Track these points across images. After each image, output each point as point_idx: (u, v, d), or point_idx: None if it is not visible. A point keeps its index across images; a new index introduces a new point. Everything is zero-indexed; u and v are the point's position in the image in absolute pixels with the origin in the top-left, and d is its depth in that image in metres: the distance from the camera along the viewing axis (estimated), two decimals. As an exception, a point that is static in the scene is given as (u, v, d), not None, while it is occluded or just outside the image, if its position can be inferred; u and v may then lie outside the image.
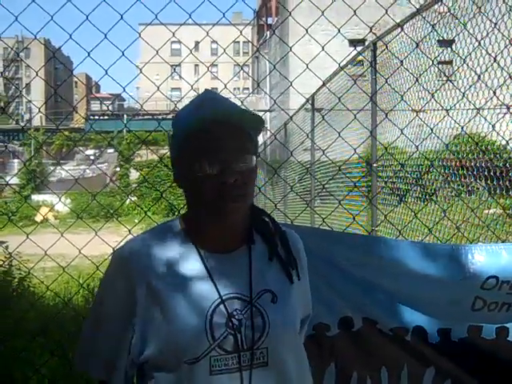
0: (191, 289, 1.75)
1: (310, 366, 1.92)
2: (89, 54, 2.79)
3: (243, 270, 1.81)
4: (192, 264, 1.78)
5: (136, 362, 1.78)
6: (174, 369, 1.70)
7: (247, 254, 1.83)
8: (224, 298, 1.75)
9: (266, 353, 1.75)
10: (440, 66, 6.09)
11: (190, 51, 3.00)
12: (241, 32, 3.00)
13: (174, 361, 1.70)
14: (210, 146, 1.72)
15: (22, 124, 42.38)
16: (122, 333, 1.78)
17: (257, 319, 1.76)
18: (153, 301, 1.74)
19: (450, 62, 6.03)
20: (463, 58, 4.33)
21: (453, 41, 5.31)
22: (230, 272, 1.80)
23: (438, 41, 5.45)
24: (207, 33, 2.84)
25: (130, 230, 2.96)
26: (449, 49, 5.60)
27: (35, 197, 35.58)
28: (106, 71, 2.83)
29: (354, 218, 3.50)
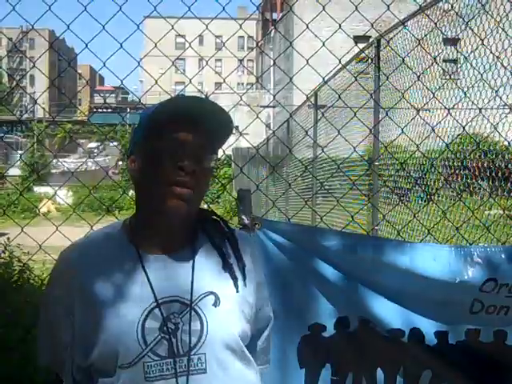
0: (126, 293, 1.72)
1: (302, 367, 1.88)
2: (86, 46, 2.76)
3: (186, 272, 1.77)
4: (130, 266, 1.75)
5: (82, 366, 1.75)
6: (112, 374, 1.67)
7: (192, 255, 1.80)
8: (161, 301, 1.71)
9: (205, 359, 1.69)
10: (445, 64, 6.06)
11: (189, 45, 2.97)
12: (240, 26, 2.96)
13: (111, 365, 1.67)
14: (177, 136, 1.74)
15: (26, 115, 42.36)
16: (64, 336, 1.77)
17: (195, 323, 1.71)
18: (89, 305, 1.72)
19: (455, 61, 6.00)
20: (466, 56, 4.29)
21: (458, 39, 5.28)
22: (172, 274, 1.76)
23: (444, 39, 5.41)
24: (207, 26, 2.81)
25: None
26: (453, 47, 5.57)
27: (37, 189, 35.53)
28: (104, 63, 2.80)
29: (352, 217, 3.46)
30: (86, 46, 2.75)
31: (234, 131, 1.90)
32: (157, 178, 1.73)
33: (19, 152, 39.01)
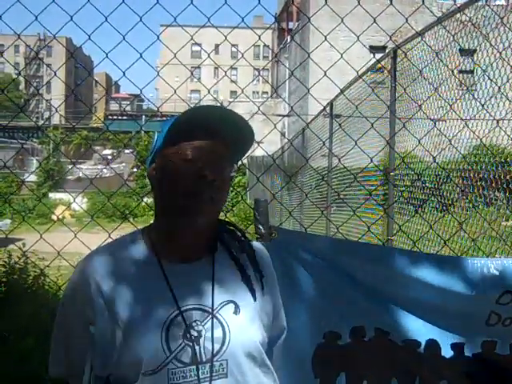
0: (149, 301, 1.73)
1: (317, 377, 1.88)
2: (107, 55, 2.79)
3: (206, 281, 1.79)
4: (152, 275, 1.77)
5: (101, 376, 1.76)
6: (134, 381, 1.68)
7: (211, 265, 1.82)
8: (183, 308, 1.73)
9: (226, 365, 1.72)
10: (462, 75, 6.05)
11: (208, 55, 2.99)
12: (259, 37, 2.98)
13: (134, 373, 1.68)
14: (198, 145, 1.75)
15: (42, 122, 42.63)
16: (82, 347, 1.78)
17: (217, 330, 1.73)
18: (110, 314, 1.73)
19: (472, 72, 5.98)
20: (483, 68, 4.28)
21: (475, 50, 5.27)
22: (192, 282, 1.78)
23: (460, 50, 5.40)
24: (225, 37, 2.83)
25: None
26: (470, 58, 5.56)
27: (52, 195, 35.71)
28: (124, 73, 2.83)
29: (368, 228, 3.46)
30: (107, 55, 2.78)
31: None
32: (176, 187, 1.73)
33: (36, 158, 39.23)
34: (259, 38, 3.00)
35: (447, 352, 2.53)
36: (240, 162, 2.02)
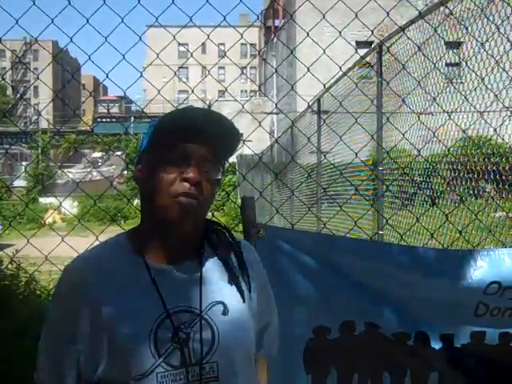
0: (136, 304, 1.72)
1: (308, 373, 1.88)
2: (89, 58, 2.78)
3: (194, 282, 1.77)
4: (138, 278, 1.75)
5: (91, 381, 1.73)
6: None
7: (199, 266, 1.81)
8: (171, 311, 1.71)
9: (216, 367, 1.71)
10: (448, 67, 6.07)
11: (191, 54, 2.99)
12: (241, 35, 2.97)
13: (124, 378, 1.66)
14: (182, 147, 1.74)
15: (30, 127, 42.48)
16: (68, 352, 1.75)
17: (206, 332, 1.72)
18: (97, 319, 1.70)
19: (458, 64, 6.00)
20: (465, 61, 4.30)
21: (460, 43, 5.28)
22: (180, 284, 1.76)
23: (446, 43, 5.42)
24: (208, 36, 2.83)
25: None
26: (456, 50, 5.57)
27: (42, 199, 35.61)
28: (107, 75, 2.82)
29: (355, 223, 3.47)
30: (89, 58, 2.77)
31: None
32: (161, 189, 1.72)
33: (24, 163, 39.11)
34: (241, 37, 3.00)
35: (437, 343, 2.55)
36: (228, 162, 2.01)
